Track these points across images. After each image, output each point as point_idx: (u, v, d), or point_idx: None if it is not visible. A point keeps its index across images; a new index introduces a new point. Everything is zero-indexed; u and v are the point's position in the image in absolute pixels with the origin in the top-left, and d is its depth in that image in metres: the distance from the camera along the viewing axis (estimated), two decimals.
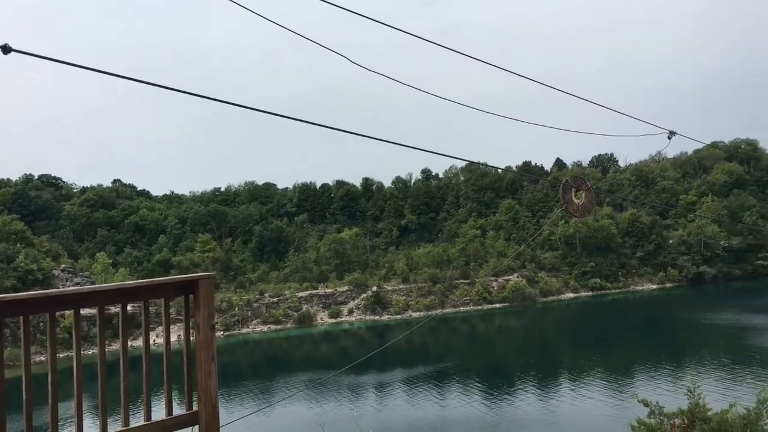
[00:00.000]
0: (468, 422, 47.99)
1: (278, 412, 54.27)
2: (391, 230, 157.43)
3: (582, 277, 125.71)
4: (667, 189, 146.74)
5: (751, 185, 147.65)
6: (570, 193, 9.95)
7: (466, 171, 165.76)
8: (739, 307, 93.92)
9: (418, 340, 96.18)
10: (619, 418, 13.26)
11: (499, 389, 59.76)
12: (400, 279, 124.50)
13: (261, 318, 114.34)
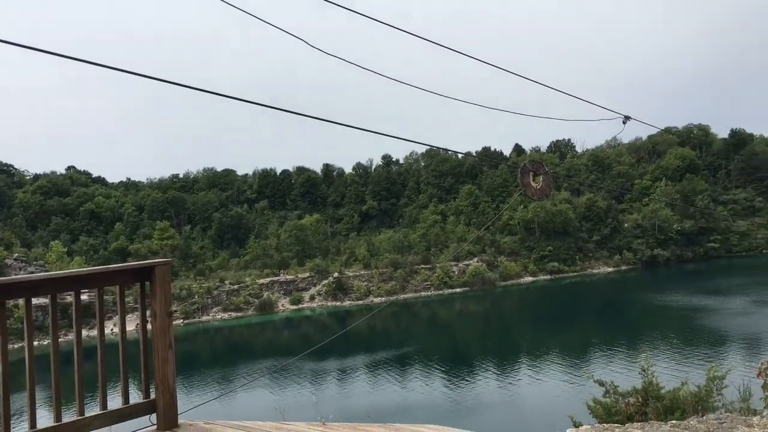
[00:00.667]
0: (429, 406, 48.45)
1: (239, 398, 54.05)
2: (352, 216, 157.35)
3: (540, 261, 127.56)
4: (622, 174, 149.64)
5: (703, 170, 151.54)
6: (528, 176, 10.06)
7: (427, 157, 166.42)
8: (690, 289, 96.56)
9: (379, 325, 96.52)
10: (577, 398, 13.59)
11: (459, 372, 60.43)
12: (362, 265, 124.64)
13: (221, 305, 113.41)
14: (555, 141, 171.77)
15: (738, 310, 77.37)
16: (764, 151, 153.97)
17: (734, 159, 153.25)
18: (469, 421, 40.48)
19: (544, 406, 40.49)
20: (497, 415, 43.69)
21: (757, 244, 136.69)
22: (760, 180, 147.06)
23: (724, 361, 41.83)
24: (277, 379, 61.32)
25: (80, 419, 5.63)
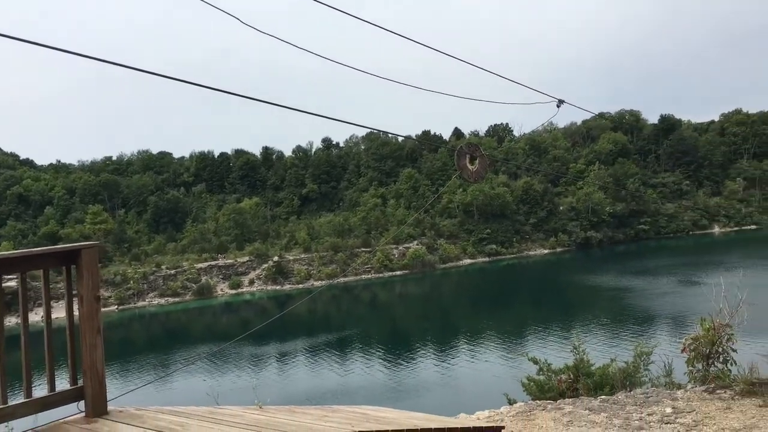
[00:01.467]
0: (370, 388, 48.83)
1: (175, 384, 53.34)
2: (292, 200, 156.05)
3: (479, 243, 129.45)
4: (558, 158, 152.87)
5: (634, 154, 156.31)
6: (464, 159, 10.15)
7: (367, 140, 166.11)
8: (621, 270, 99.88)
9: (320, 309, 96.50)
10: (513, 377, 13.96)
11: (400, 354, 61.03)
12: (302, 248, 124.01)
13: (158, 291, 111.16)
14: (493, 125, 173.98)
15: (665, 289, 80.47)
16: (691, 136, 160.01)
17: (663, 144, 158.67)
18: (408, 402, 40.97)
19: (482, 386, 41.35)
20: (436, 395, 44.37)
21: (684, 226, 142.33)
22: (687, 164, 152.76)
23: (651, 338, 43.43)
24: (216, 365, 60.68)
25: (3, 408, 5.43)
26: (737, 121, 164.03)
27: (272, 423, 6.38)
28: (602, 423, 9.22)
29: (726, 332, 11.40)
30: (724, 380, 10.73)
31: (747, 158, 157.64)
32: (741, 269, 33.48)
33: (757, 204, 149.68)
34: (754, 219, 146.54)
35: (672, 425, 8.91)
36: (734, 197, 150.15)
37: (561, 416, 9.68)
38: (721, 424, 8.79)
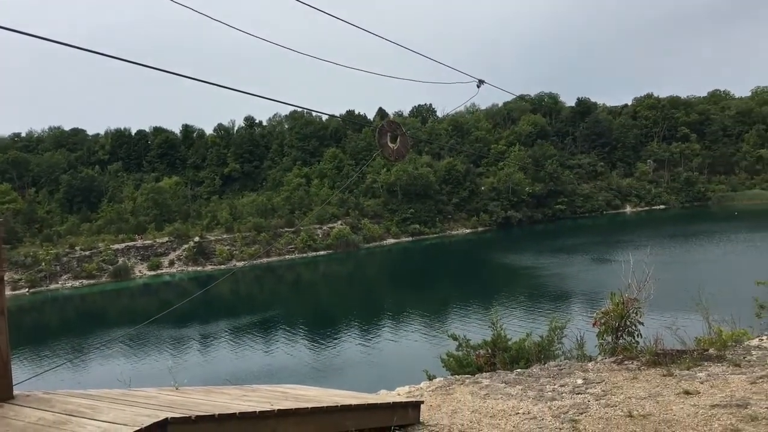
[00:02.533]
0: (293, 368, 48.70)
1: (89, 368, 51.80)
2: (213, 179, 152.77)
3: (402, 223, 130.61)
4: (480, 138, 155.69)
5: (552, 136, 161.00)
6: (386, 137, 10.17)
7: (291, 119, 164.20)
8: (539, 248, 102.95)
9: (243, 289, 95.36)
10: (434, 354, 14.30)
11: (324, 334, 61.05)
12: (224, 229, 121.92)
13: (72, 273, 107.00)
14: (417, 106, 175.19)
15: (580, 267, 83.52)
16: (606, 119, 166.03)
17: (580, 126, 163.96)
18: (332, 380, 41.15)
19: (404, 363, 41.88)
20: (360, 373, 44.72)
21: (599, 206, 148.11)
22: (602, 146, 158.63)
23: (565, 313, 44.99)
24: (134, 348, 59.10)
25: None
26: (648, 105, 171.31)
27: (188, 403, 6.27)
28: (517, 395, 9.52)
29: (634, 306, 11.95)
30: (631, 352, 11.26)
31: (657, 141, 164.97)
32: (649, 247, 35.26)
33: (665, 185, 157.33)
34: (662, 199, 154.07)
35: (583, 395, 9.29)
36: (645, 178, 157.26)
37: (478, 390, 9.93)
38: (628, 393, 9.23)
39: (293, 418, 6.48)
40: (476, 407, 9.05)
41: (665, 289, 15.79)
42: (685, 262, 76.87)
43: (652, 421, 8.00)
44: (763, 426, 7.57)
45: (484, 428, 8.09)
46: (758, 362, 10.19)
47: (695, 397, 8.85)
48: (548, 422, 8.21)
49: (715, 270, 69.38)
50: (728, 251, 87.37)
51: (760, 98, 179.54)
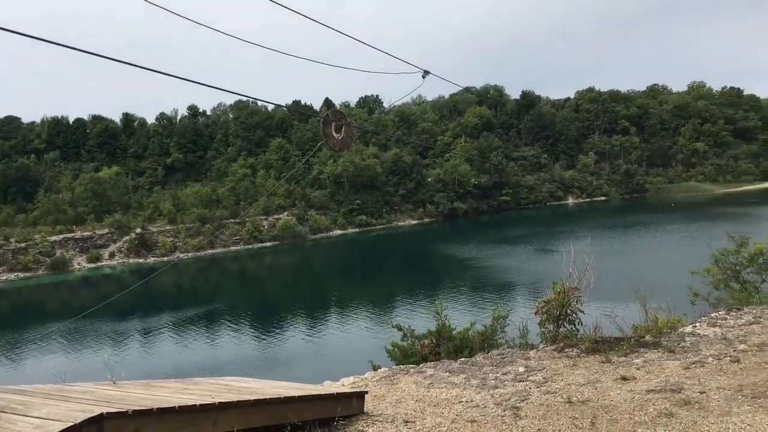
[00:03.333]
0: (239, 361, 48.18)
1: (23, 364, 50.27)
2: (155, 169, 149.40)
3: (349, 214, 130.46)
4: (426, 130, 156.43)
5: (498, 128, 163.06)
6: (330, 127, 10.09)
7: (235, 109, 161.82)
8: (484, 239, 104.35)
9: (187, 282, 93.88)
10: (380, 344, 14.38)
11: (270, 326, 60.57)
12: (167, 220, 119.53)
13: (7, 265, 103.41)
14: (364, 96, 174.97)
15: (523, 257, 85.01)
16: (549, 112, 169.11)
17: (524, 119, 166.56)
18: (279, 372, 40.87)
19: (350, 354, 41.88)
20: (306, 364, 44.54)
21: (542, 197, 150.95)
22: (545, 138, 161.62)
23: (509, 303, 45.82)
24: (72, 343, 57.52)
25: None
26: (590, 99, 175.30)
27: (125, 398, 6.11)
28: (461, 384, 9.62)
29: (575, 295, 12.20)
30: (571, 339, 11.51)
31: (598, 134, 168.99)
32: (589, 237, 36.03)
33: (606, 177, 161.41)
34: (603, 191, 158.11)
35: (524, 383, 9.45)
36: (587, 170, 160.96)
37: (423, 379, 10.00)
38: (567, 380, 9.43)
39: (235, 410, 6.39)
40: (420, 396, 9.11)
41: (605, 279, 16.20)
42: (624, 253, 79.12)
43: (591, 407, 8.20)
44: (695, 410, 7.84)
45: (427, 417, 8.14)
46: (692, 348, 10.54)
47: (632, 382, 9.10)
48: (490, 410, 8.32)
49: (652, 260, 71.62)
50: (664, 242, 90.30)
51: (695, 93, 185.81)
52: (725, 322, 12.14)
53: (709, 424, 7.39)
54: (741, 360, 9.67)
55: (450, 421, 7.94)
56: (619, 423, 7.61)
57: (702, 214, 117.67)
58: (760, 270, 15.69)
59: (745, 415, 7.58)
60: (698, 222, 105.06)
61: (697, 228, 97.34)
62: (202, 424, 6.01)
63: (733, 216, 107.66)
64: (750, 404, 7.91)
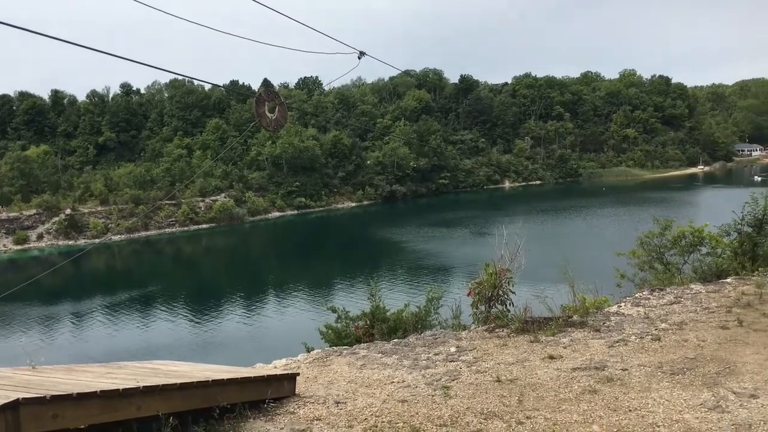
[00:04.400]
0: (174, 345, 47.46)
1: None
2: (86, 148, 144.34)
3: (288, 196, 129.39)
4: (366, 113, 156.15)
5: (437, 111, 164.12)
6: (263, 107, 9.93)
7: (171, 87, 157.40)
8: (422, 222, 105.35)
9: (120, 264, 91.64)
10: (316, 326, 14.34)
11: (206, 309, 59.79)
12: (98, 201, 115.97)
13: None
14: (303, 78, 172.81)
15: (460, 239, 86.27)
16: (487, 96, 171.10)
17: (463, 103, 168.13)
18: (213, 356, 40.47)
19: (285, 336, 41.74)
20: (240, 347, 44.20)
21: (480, 181, 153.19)
22: (483, 123, 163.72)
23: (443, 284, 46.44)
24: None
25: None
26: (527, 84, 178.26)
27: (45, 383, 5.92)
28: (393, 364, 9.70)
29: (506, 276, 12.43)
30: (502, 320, 11.74)
31: (534, 119, 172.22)
32: (521, 220, 36.95)
33: (541, 161, 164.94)
34: (539, 175, 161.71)
35: (455, 363, 9.60)
36: (523, 155, 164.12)
37: (355, 360, 10.04)
38: (497, 360, 9.62)
39: (160, 394, 6.26)
40: (352, 377, 9.14)
41: (536, 261, 16.56)
42: (556, 235, 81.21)
43: (518, 385, 8.40)
44: (617, 386, 8.12)
45: (359, 398, 8.18)
46: (616, 327, 10.91)
47: (558, 361, 9.36)
48: (421, 389, 8.42)
49: (583, 242, 73.83)
50: (595, 225, 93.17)
51: (627, 80, 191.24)
52: (648, 302, 12.60)
53: (629, 399, 7.66)
54: (662, 338, 10.05)
55: (381, 401, 8.00)
56: (544, 400, 7.82)
57: (631, 198, 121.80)
58: (683, 252, 16.32)
59: (663, 390, 7.89)
60: (627, 206, 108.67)
61: (625, 212, 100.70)
62: (125, 408, 5.87)
63: (659, 200, 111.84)
64: (668, 380, 8.25)
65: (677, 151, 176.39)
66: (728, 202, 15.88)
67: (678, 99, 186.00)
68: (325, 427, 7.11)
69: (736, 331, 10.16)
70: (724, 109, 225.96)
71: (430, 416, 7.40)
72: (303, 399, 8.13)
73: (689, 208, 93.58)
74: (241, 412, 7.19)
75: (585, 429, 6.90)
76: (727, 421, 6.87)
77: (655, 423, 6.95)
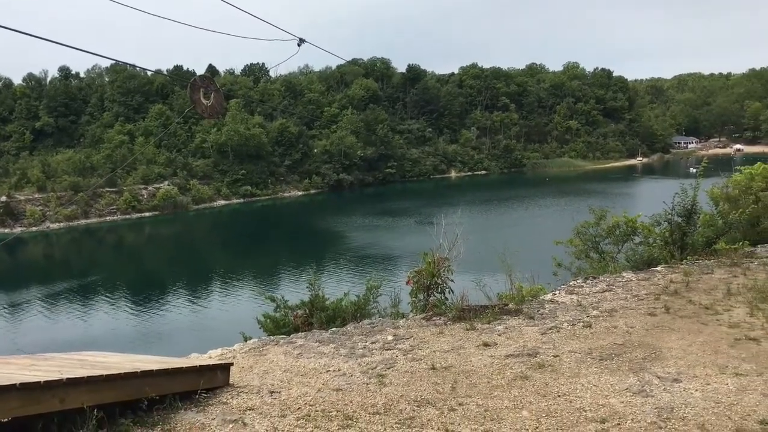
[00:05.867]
0: (113, 336, 46.48)
1: None
2: (23, 133, 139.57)
3: (234, 184, 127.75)
4: (313, 101, 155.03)
5: (384, 101, 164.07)
6: (198, 93, 9.73)
7: (112, 72, 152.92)
8: (368, 211, 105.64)
9: (58, 254, 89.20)
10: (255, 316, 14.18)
11: (148, 299, 58.73)
12: (35, 188, 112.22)
13: None
14: (249, 64, 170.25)
15: (404, 228, 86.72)
16: (434, 86, 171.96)
17: (410, 92, 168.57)
18: (151, 347, 39.82)
19: (224, 326, 41.20)
20: (179, 338, 43.54)
21: (426, 170, 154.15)
22: (430, 113, 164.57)
23: (384, 273, 46.56)
24: None
25: None
26: (473, 75, 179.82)
27: None
28: (330, 353, 9.70)
29: (444, 265, 12.56)
30: (440, 308, 11.86)
31: (480, 109, 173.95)
32: (459, 209, 37.41)
33: (487, 152, 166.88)
34: (484, 165, 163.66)
35: (392, 351, 9.66)
36: (469, 145, 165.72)
37: (292, 349, 10.00)
38: (433, 347, 9.73)
39: (85, 386, 6.12)
40: (288, 367, 9.11)
41: (477, 249, 16.77)
42: (498, 225, 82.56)
43: (453, 372, 8.51)
44: (548, 372, 8.33)
45: (293, 387, 8.16)
46: (549, 315, 11.15)
47: (492, 348, 9.52)
48: (357, 378, 8.46)
49: (523, 232, 75.16)
50: (536, 214, 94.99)
51: (570, 73, 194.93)
52: (582, 290, 12.91)
53: (559, 385, 7.87)
54: (592, 325, 10.33)
55: (316, 390, 8.00)
56: (477, 387, 7.95)
57: (572, 188, 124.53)
58: (617, 241, 16.76)
59: (592, 376, 8.13)
60: (568, 196, 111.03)
61: (567, 201, 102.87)
62: (47, 401, 5.71)
63: (598, 191, 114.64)
64: (597, 366, 8.50)
65: (617, 143, 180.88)
66: (664, 193, 16.34)
67: (619, 92, 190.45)
68: (257, 417, 7.08)
69: (663, 317, 10.51)
70: (663, 102, 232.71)
71: (364, 404, 7.45)
72: (237, 389, 8.06)
73: (627, 198, 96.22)
74: (171, 403, 7.08)
75: (515, 414, 7.06)
76: (651, 404, 7.13)
77: (582, 407, 7.16)
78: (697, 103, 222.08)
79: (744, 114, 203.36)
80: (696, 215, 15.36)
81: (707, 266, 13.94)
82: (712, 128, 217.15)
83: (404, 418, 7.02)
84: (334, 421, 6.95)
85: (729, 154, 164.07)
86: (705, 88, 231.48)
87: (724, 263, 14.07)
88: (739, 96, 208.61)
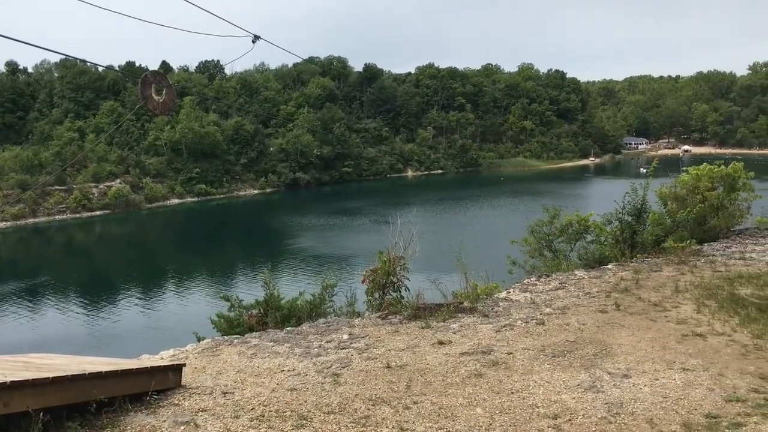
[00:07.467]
0: (63, 338, 45.23)
1: None
2: None
3: (188, 183, 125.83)
4: (269, 99, 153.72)
5: (341, 99, 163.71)
6: (150, 89, 9.55)
7: (62, 67, 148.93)
8: (324, 210, 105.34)
9: (4, 253, 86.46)
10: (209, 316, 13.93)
11: (99, 300, 57.45)
12: None
13: None
14: (204, 62, 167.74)
15: (360, 228, 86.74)
16: (391, 86, 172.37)
17: (367, 91, 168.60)
18: (102, 349, 38.99)
19: (177, 327, 40.59)
20: (131, 340, 42.69)
21: (383, 170, 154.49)
22: (387, 112, 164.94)
23: (340, 272, 46.50)
24: None
25: None
26: (430, 75, 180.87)
27: None
28: (284, 353, 9.63)
29: (400, 264, 12.59)
30: (396, 307, 11.87)
31: (437, 109, 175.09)
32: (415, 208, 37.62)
33: (443, 151, 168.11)
34: (440, 164, 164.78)
35: (347, 350, 9.63)
36: (425, 144, 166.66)
37: (246, 349, 9.89)
38: (388, 346, 9.73)
39: (30, 389, 5.93)
40: (242, 367, 9.01)
41: (432, 248, 16.84)
42: (453, 223, 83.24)
43: (408, 371, 8.53)
44: (502, 369, 8.41)
45: (247, 387, 8.07)
46: (504, 313, 11.27)
47: (447, 346, 9.58)
48: (311, 377, 8.41)
49: (478, 230, 75.97)
50: (491, 213, 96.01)
51: (525, 74, 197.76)
52: (535, 287, 13.10)
53: (512, 382, 7.96)
54: (545, 322, 10.48)
55: (270, 390, 7.92)
56: (432, 385, 7.99)
57: (527, 187, 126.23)
58: (570, 240, 17.03)
59: (544, 372, 8.26)
60: (522, 195, 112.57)
61: (521, 201, 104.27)
62: None
63: (552, 190, 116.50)
64: (550, 363, 8.63)
65: (571, 143, 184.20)
66: (615, 193, 16.71)
67: (572, 93, 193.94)
68: (210, 418, 6.97)
69: (614, 314, 10.73)
70: (614, 103, 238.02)
71: (318, 404, 7.41)
72: (189, 390, 7.93)
73: (580, 199, 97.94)
74: (120, 406, 6.93)
75: (469, 412, 7.11)
76: (601, 400, 7.27)
77: (534, 404, 7.26)
78: (647, 105, 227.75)
79: (692, 116, 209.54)
80: (645, 214, 15.76)
81: (656, 264, 14.29)
82: (662, 129, 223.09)
83: (359, 417, 7.00)
84: (288, 421, 6.89)
85: (677, 155, 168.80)
86: (655, 91, 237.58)
87: (672, 261, 14.44)
88: (687, 98, 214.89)
